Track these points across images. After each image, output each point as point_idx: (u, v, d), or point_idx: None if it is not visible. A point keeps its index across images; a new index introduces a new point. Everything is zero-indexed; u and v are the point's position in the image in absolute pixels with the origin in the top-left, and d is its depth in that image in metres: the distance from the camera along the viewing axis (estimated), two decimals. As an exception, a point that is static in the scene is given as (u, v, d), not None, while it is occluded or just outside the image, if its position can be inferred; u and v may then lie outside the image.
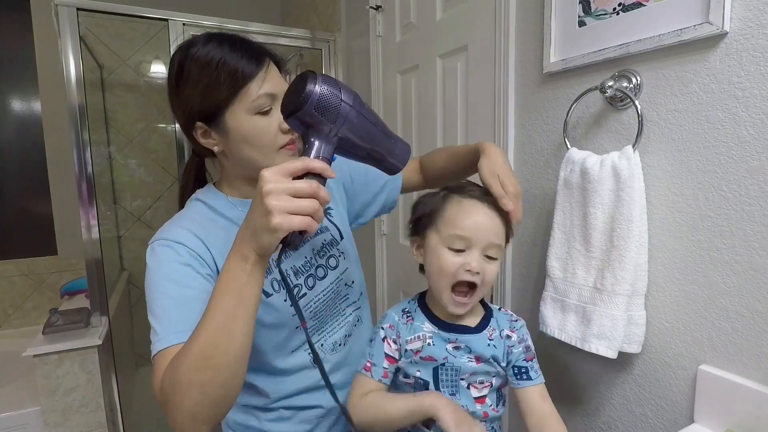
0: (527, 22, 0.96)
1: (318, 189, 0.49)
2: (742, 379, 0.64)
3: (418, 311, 0.75)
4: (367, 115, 0.56)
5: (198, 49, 0.64)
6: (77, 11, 1.43)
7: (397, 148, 0.61)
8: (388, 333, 0.73)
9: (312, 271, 0.75)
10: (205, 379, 0.49)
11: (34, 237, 2.27)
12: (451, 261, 0.67)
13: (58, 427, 1.49)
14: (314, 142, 0.53)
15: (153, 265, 0.62)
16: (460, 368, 0.70)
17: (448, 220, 0.68)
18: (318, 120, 0.52)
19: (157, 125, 2.47)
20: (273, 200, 0.46)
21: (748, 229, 0.63)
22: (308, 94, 0.50)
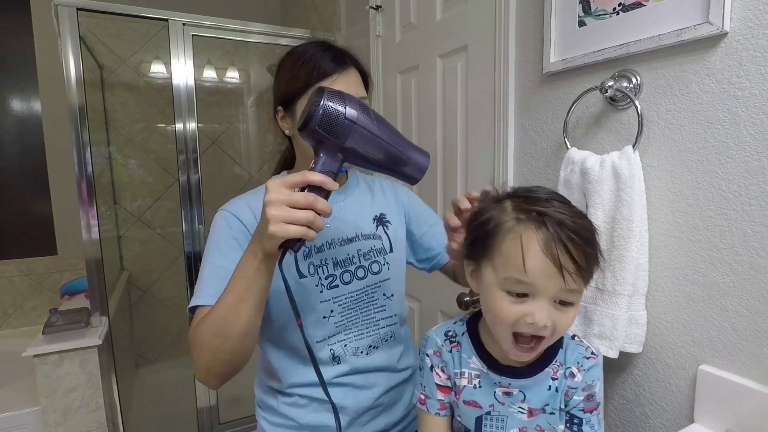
0: (527, 22, 0.96)
1: (315, 201, 0.53)
2: (742, 379, 0.64)
3: (465, 338, 0.61)
4: (376, 130, 0.57)
5: (297, 48, 0.77)
6: (77, 11, 1.43)
7: (413, 158, 0.61)
8: (435, 361, 0.62)
9: (351, 268, 0.77)
10: (216, 344, 0.61)
11: (34, 237, 2.27)
12: (509, 310, 0.51)
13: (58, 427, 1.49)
14: (320, 156, 0.57)
15: (212, 231, 0.73)
16: (507, 419, 0.58)
17: (505, 257, 0.50)
18: (323, 136, 0.55)
19: (157, 125, 2.47)
20: (272, 210, 0.52)
21: (748, 229, 0.63)
22: (312, 112, 0.54)
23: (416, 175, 0.63)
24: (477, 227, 0.56)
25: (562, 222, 0.49)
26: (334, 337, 0.77)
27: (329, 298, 0.75)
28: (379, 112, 1.63)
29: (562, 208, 0.50)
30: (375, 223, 0.83)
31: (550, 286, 0.49)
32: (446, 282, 1.30)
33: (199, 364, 0.63)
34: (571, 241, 0.48)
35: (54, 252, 2.29)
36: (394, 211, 0.87)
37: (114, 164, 2.40)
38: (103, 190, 2.28)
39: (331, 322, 0.76)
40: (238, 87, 2.64)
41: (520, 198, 0.54)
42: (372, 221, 0.83)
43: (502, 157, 1.04)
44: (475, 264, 0.56)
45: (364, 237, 0.80)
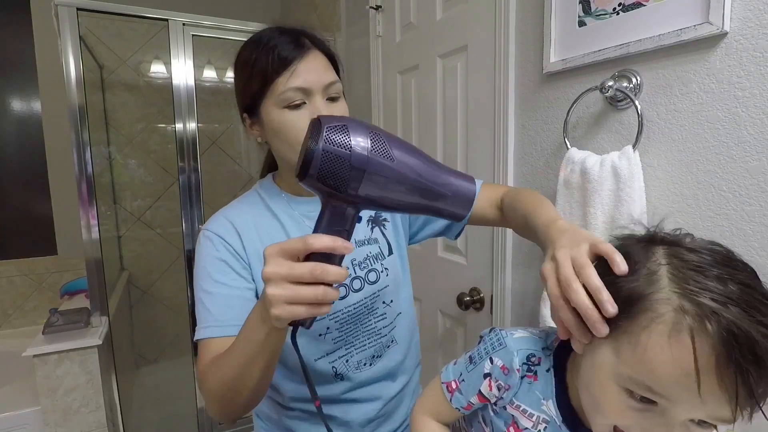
0: (527, 22, 0.96)
1: (323, 273, 0.43)
2: (742, 379, 0.64)
3: (548, 376, 0.49)
4: (395, 161, 0.44)
5: (245, 45, 0.68)
6: (77, 11, 1.43)
7: (453, 190, 0.47)
8: (496, 373, 0.51)
9: (347, 281, 0.71)
10: (229, 397, 0.57)
11: (34, 237, 2.27)
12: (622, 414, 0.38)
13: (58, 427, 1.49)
14: (326, 212, 0.45)
15: (197, 255, 0.68)
16: None
17: (641, 353, 0.36)
18: (326, 188, 0.43)
19: (157, 125, 2.47)
20: (271, 288, 0.43)
21: (748, 229, 0.63)
22: (308, 161, 0.42)
23: (461, 212, 0.48)
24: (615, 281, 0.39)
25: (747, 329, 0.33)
26: (335, 353, 0.73)
27: (323, 317, 0.69)
28: (379, 113, 1.64)
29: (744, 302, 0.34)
30: (369, 226, 0.76)
31: (697, 411, 0.35)
32: (446, 282, 1.31)
33: (211, 407, 0.61)
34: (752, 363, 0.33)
35: (54, 252, 2.29)
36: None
37: (114, 164, 2.40)
38: (103, 190, 2.28)
39: (329, 339, 0.71)
40: (238, 87, 2.64)
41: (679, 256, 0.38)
42: (366, 224, 0.76)
43: (502, 157, 1.04)
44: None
45: (358, 244, 0.74)
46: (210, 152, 2.57)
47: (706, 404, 0.34)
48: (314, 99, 0.64)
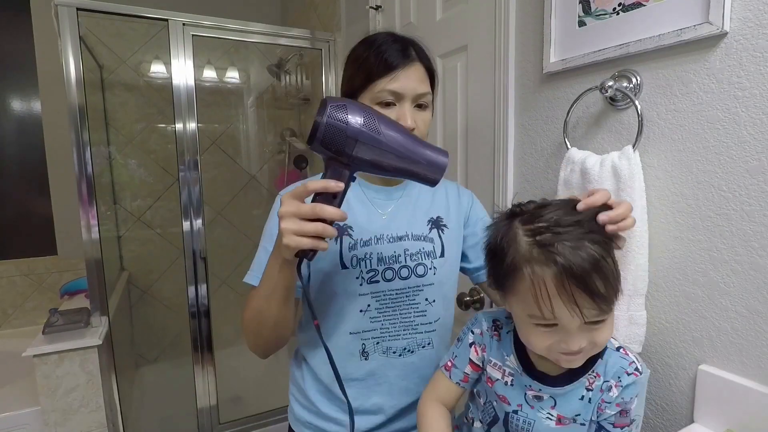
0: (527, 22, 0.96)
1: (322, 210, 0.55)
2: (742, 379, 0.64)
3: (509, 335, 0.62)
4: (383, 140, 0.57)
5: (362, 42, 0.77)
6: (77, 11, 1.43)
7: (428, 160, 0.60)
8: (477, 339, 0.64)
9: (395, 266, 0.77)
10: (255, 327, 0.70)
11: (34, 237, 2.26)
12: (541, 340, 0.53)
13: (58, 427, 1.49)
14: (330, 165, 0.58)
15: (270, 215, 0.79)
16: (534, 423, 0.58)
17: (524, 298, 0.52)
18: (327, 151, 0.56)
19: (157, 125, 2.47)
20: (284, 223, 0.55)
21: (748, 229, 0.63)
22: (314, 130, 0.55)
23: (434, 176, 0.61)
24: (494, 257, 0.56)
25: (571, 252, 0.47)
26: (368, 332, 0.77)
27: (367, 293, 0.75)
28: (379, 112, 1.63)
29: (574, 235, 0.49)
30: (429, 225, 0.81)
31: (574, 321, 0.49)
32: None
33: (246, 339, 0.73)
34: (585, 272, 0.47)
35: (54, 252, 2.29)
36: (454, 214, 0.85)
37: (114, 164, 2.40)
38: (103, 190, 2.28)
39: (367, 317, 0.76)
40: (238, 87, 2.64)
41: (527, 220, 0.53)
42: (426, 223, 0.81)
43: (502, 157, 1.04)
44: (501, 293, 0.57)
45: (414, 237, 0.79)
46: (210, 152, 2.57)
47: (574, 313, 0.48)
48: (404, 103, 0.72)
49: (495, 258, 0.55)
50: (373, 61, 0.72)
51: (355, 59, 0.76)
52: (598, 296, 0.48)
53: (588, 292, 0.47)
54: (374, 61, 0.72)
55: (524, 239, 0.52)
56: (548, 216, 0.52)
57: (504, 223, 0.56)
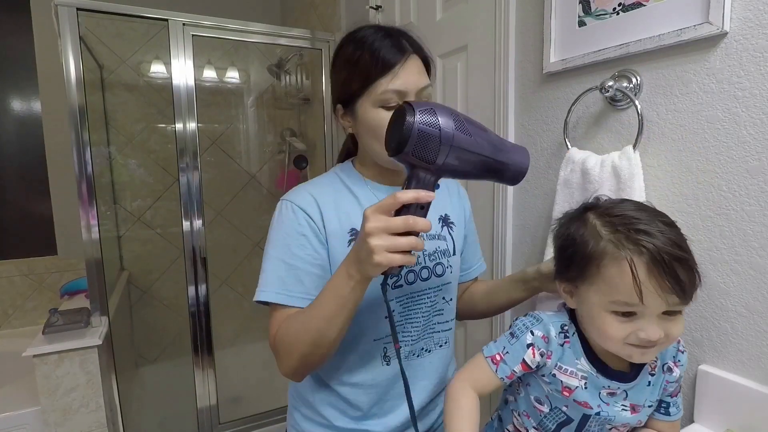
0: (527, 22, 0.96)
1: (414, 223, 0.52)
2: (742, 379, 0.64)
3: (575, 338, 0.61)
4: (472, 143, 0.54)
5: (353, 35, 0.71)
6: (77, 11, 1.43)
7: (512, 161, 0.58)
8: (538, 342, 0.61)
9: (416, 268, 0.75)
10: (309, 352, 0.64)
11: (34, 237, 2.26)
12: (619, 329, 0.53)
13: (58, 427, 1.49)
14: (415, 174, 0.54)
15: (276, 222, 0.72)
16: (614, 418, 0.60)
17: (610, 283, 0.53)
18: (418, 160, 0.53)
19: (157, 125, 2.46)
20: (374, 240, 0.52)
21: (748, 229, 0.63)
22: (405, 137, 0.51)
23: (517, 178, 0.59)
24: (569, 249, 0.58)
25: (662, 243, 0.50)
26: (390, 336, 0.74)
27: (392, 298, 0.73)
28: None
29: (658, 226, 0.52)
30: (440, 223, 0.80)
31: (657, 305, 0.51)
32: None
33: (286, 365, 0.67)
34: (674, 260, 0.50)
35: (54, 252, 2.29)
36: (458, 213, 0.85)
37: (114, 164, 2.40)
38: (103, 190, 2.27)
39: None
40: (238, 87, 2.64)
41: (607, 215, 0.55)
42: (438, 221, 0.80)
43: (502, 157, 1.04)
44: (571, 285, 0.59)
45: (430, 237, 0.77)
46: (210, 152, 2.57)
47: (659, 299, 0.50)
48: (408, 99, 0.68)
49: (571, 249, 0.57)
50: (370, 61, 0.67)
51: (347, 61, 0.70)
52: (683, 283, 0.50)
53: (674, 278, 0.49)
54: (370, 61, 0.67)
55: (605, 228, 0.54)
56: (626, 208, 0.55)
57: (578, 217, 0.58)
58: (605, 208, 0.57)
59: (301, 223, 0.70)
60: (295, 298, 0.68)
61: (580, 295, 0.58)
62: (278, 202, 0.74)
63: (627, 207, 0.55)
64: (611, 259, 0.52)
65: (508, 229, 1.05)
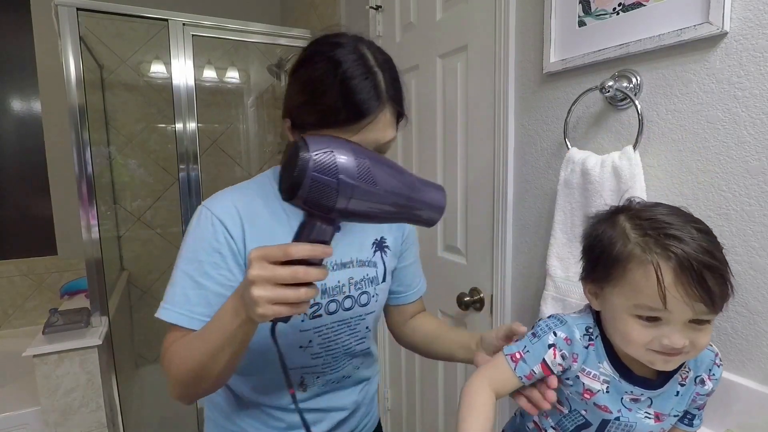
0: (527, 22, 0.96)
1: (306, 275, 0.46)
2: (742, 379, 0.64)
3: (599, 340, 0.59)
4: (377, 185, 0.47)
5: (323, 57, 0.59)
6: (77, 11, 1.43)
7: (426, 200, 0.52)
8: (560, 344, 0.59)
9: (339, 298, 0.70)
10: (192, 382, 0.59)
11: (34, 237, 2.26)
12: (642, 334, 0.51)
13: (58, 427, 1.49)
14: (310, 223, 0.48)
15: (193, 232, 0.65)
16: (635, 425, 0.58)
17: (635, 286, 0.51)
18: (312, 209, 0.46)
19: (157, 125, 2.47)
20: (257, 290, 0.46)
21: (748, 229, 0.63)
22: (297, 182, 0.44)
23: (432, 219, 0.54)
24: (597, 250, 0.56)
25: (694, 249, 0.48)
26: (309, 368, 0.71)
27: (309, 328, 0.69)
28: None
29: (689, 232, 0.49)
30: (374, 248, 0.75)
31: (684, 313, 0.49)
32: (446, 282, 1.31)
33: (173, 389, 0.63)
34: (705, 268, 0.47)
35: (54, 252, 2.29)
36: (396, 234, 0.80)
37: (114, 164, 2.40)
38: (103, 190, 2.28)
39: (308, 353, 0.70)
40: (238, 87, 2.64)
41: (637, 217, 0.53)
42: (371, 246, 0.75)
43: (502, 157, 1.04)
44: (597, 287, 0.57)
45: (359, 263, 0.72)
46: (210, 152, 2.57)
47: (686, 307, 0.48)
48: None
49: (598, 250, 0.55)
50: (338, 101, 0.56)
51: (312, 82, 0.58)
52: (711, 293, 0.48)
53: (703, 286, 0.47)
54: (339, 102, 0.56)
55: (635, 231, 0.52)
56: (658, 212, 0.53)
57: (608, 218, 0.56)
58: (636, 211, 0.55)
59: (219, 240, 0.63)
60: (196, 320, 0.62)
61: (604, 297, 0.56)
62: (198, 207, 0.67)
63: (659, 211, 0.53)
64: (637, 263, 0.50)
65: (508, 229, 1.05)
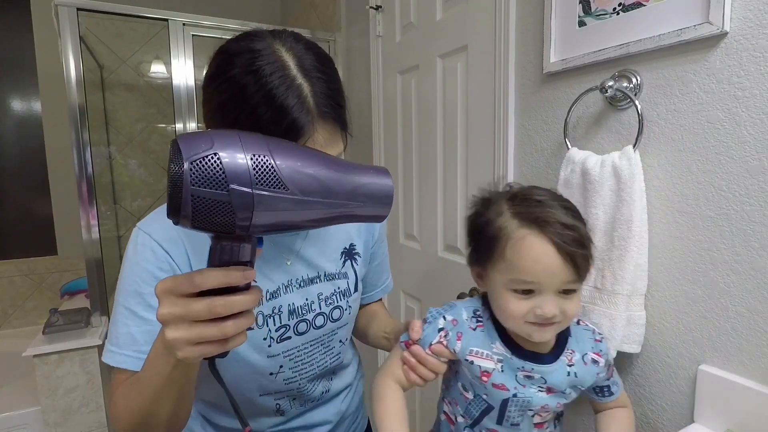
0: (527, 22, 0.96)
1: (227, 307, 0.37)
2: (742, 379, 0.64)
3: (489, 322, 0.63)
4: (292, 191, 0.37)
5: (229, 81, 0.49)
6: (77, 11, 1.43)
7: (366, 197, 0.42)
8: (448, 326, 0.63)
9: (309, 317, 0.65)
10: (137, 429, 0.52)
11: (34, 237, 2.27)
12: (518, 306, 0.56)
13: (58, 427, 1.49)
14: (218, 245, 0.39)
15: (131, 261, 0.56)
16: (531, 400, 0.61)
17: (509, 262, 0.55)
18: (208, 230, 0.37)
19: (157, 125, 2.47)
20: (170, 332, 0.38)
21: (748, 229, 0.63)
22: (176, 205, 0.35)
23: (380, 211, 0.43)
24: (478, 233, 0.60)
25: (560, 226, 0.53)
26: (283, 393, 0.67)
27: (278, 353, 0.63)
28: (379, 113, 1.64)
29: (558, 211, 0.55)
30: (342, 258, 0.70)
31: (553, 283, 0.54)
32: (446, 282, 1.31)
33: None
34: (570, 243, 0.53)
35: (54, 252, 2.29)
36: (366, 237, 0.75)
37: (114, 164, 2.40)
38: (103, 190, 2.28)
39: (280, 379, 0.65)
40: (238, 87, 2.64)
41: (517, 201, 0.58)
42: (340, 256, 0.70)
43: (502, 157, 1.04)
44: (480, 268, 0.61)
45: (328, 278, 0.67)
46: (210, 152, 2.57)
47: (554, 276, 0.54)
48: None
49: (479, 231, 0.60)
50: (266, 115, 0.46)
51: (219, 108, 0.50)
52: (577, 264, 0.53)
53: (568, 258, 0.53)
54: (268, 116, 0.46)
55: (511, 211, 0.57)
56: (530, 192, 0.58)
57: (488, 201, 0.61)
58: (512, 194, 0.60)
59: (162, 267, 0.56)
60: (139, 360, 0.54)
61: (488, 276, 0.60)
62: (134, 230, 0.58)
63: (532, 192, 0.58)
64: (512, 240, 0.55)
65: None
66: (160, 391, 0.48)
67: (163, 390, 0.48)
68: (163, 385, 0.47)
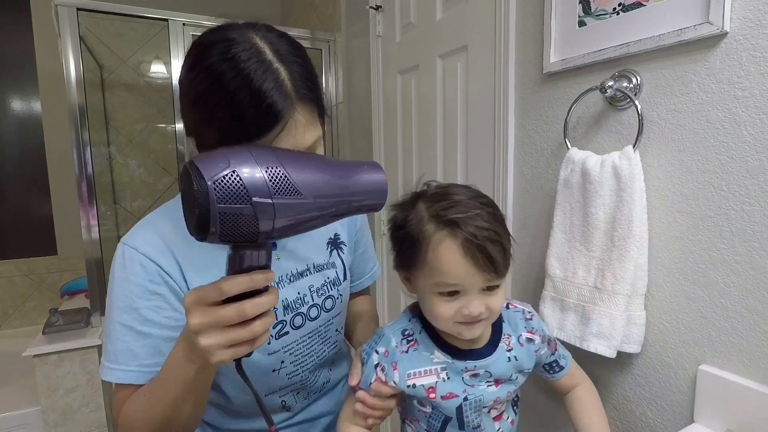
0: (527, 22, 0.96)
1: (255, 308, 0.41)
2: (742, 379, 0.64)
3: (423, 334, 0.62)
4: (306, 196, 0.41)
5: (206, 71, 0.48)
6: (77, 11, 1.43)
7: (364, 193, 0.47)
8: (381, 360, 0.61)
9: (303, 309, 0.66)
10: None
11: (34, 237, 2.27)
12: (445, 308, 0.56)
13: (58, 427, 1.49)
14: (238, 254, 0.42)
15: (120, 276, 0.56)
16: (483, 397, 0.61)
17: (431, 266, 0.55)
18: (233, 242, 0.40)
19: (157, 125, 2.47)
20: (204, 339, 0.41)
21: (748, 229, 0.63)
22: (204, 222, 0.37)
23: (378, 202, 0.48)
24: (399, 238, 0.60)
25: (475, 225, 0.53)
26: (287, 388, 0.68)
27: (278, 349, 0.64)
28: (379, 113, 1.64)
29: (473, 210, 0.55)
30: (329, 249, 0.72)
31: (475, 282, 0.55)
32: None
33: None
34: (487, 240, 0.53)
35: (54, 252, 2.29)
36: (348, 227, 0.76)
37: (114, 164, 2.40)
38: (103, 190, 2.28)
39: (283, 374, 0.66)
40: (238, 87, 2.64)
41: (430, 200, 0.57)
42: (326, 246, 0.71)
43: (502, 157, 1.04)
44: (406, 272, 0.61)
45: (317, 269, 0.68)
46: (210, 152, 2.57)
47: (475, 276, 0.54)
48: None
49: (401, 236, 0.59)
50: (234, 116, 0.47)
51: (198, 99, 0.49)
52: (495, 262, 0.54)
53: (487, 257, 0.53)
54: (236, 116, 0.47)
55: (428, 214, 0.56)
56: (447, 192, 0.58)
57: (408, 204, 0.60)
58: (431, 195, 0.59)
59: (154, 279, 0.56)
60: (150, 373, 0.56)
61: (414, 280, 0.60)
62: (118, 246, 0.57)
63: (449, 191, 0.58)
64: (431, 243, 0.55)
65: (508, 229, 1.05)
66: (179, 396, 0.50)
67: (183, 395, 0.50)
68: (183, 391, 0.49)
